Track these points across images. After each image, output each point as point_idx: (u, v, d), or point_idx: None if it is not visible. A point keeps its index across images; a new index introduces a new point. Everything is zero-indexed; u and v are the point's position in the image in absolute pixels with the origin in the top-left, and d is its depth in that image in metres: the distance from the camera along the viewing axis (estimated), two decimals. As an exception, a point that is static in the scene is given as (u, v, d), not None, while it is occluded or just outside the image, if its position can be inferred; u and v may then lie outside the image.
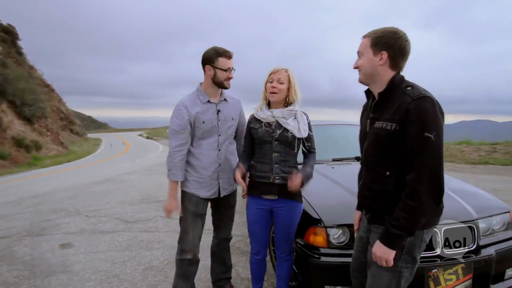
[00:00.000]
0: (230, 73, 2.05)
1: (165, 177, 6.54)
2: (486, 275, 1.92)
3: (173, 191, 2.09)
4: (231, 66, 2.04)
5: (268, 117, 1.94)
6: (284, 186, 1.89)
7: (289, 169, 1.93)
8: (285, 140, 1.90)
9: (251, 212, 2.04)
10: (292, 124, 1.91)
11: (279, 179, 1.91)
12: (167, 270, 2.88)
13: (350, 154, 3.23)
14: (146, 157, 16.35)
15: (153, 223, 4.30)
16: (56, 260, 3.14)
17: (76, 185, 7.92)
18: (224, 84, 2.06)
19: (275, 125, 1.93)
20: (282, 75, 1.91)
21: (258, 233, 2.06)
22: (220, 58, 2.01)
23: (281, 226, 1.99)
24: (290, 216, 1.96)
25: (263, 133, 1.94)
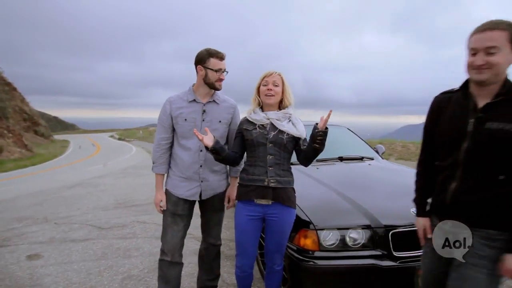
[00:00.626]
0: (222, 75, 2.01)
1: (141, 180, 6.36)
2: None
3: (158, 184, 2.09)
4: (223, 67, 2.01)
5: (262, 119, 1.89)
6: (278, 190, 1.83)
7: (283, 173, 1.87)
8: (280, 142, 1.85)
9: (241, 219, 1.92)
10: (287, 125, 1.87)
11: (274, 182, 1.83)
12: (147, 279, 2.72)
13: (333, 155, 3.25)
14: (119, 159, 15.70)
15: (130, 229, 4.09)
16: (23, 273, 2.88)
17: (43, 191, 7.42)
18: (215, 85, 2.02)
19: (270, 127, 1.88)
20: (277, 78, 1.90)
21: (248, 244, 1.92)
22: (211, 59, 1.98)
23: (274, 235, 1.89)
24: (284, 223, 1.86)
25: (257, 134, 1.88)
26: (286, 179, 1.87)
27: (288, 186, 1.88)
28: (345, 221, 1.96)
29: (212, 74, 1.99)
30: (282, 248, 1.93)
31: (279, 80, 1.90)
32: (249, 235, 1.92)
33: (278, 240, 1.90)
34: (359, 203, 2.12)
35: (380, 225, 1.91)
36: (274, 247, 1.92)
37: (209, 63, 1.98)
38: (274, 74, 1.90)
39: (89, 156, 18.19)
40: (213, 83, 2.01)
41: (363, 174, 2.71)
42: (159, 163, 2.07)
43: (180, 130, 2.04)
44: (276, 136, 1.85)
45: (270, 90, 1.87)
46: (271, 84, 1.88)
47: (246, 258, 1.95)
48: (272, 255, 1.94)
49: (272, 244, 1.92)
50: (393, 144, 10.42)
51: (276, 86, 1.88)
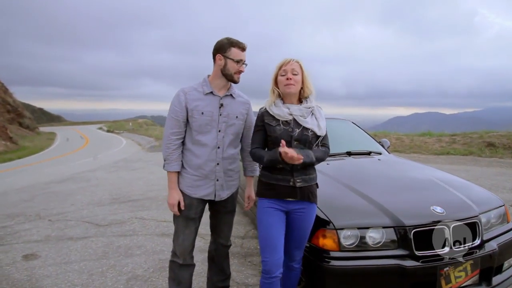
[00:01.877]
0: (242, 67, 1.89)
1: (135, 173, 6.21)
2: (490, 269, 1.95)
3: (172, 183, 1.94)
4: (243, 59, 1.89)
5: (286, 115, 1.78)
6: (305, 188, 1.77)
7: (308, 171, 1.79)
8: (305, 139, 1.77)
9: (266, 213, 1.78)
10: (311, 122, 1.78)
11: (300, 182, 1.75)
12: (153, 279, 2.63)
13: (341, 149, 3.19)
14: (109, 152, 15.36)
15: (129, 225, 3.96)
16: (21, 275, 2.74)
17: (32, 185, 7.17)
18: (233, 77, 1.90)
19: (294, 124, 1.78)
20: (295, 65, 1.78)
21: (276, 239, 1.75)
22: (233, 48, 1.86)
23: (297, 231, 1.82)
24: (308, 219, 1.81)
25: (281, 132, 1.77)
26: (312, 176, 1.82)
27: (313, 183, 1.82)
28: (366, 220, 1.90)
29: (231, 65, 1.87)
30: (303, 244, 1.87)
31: (298, 68, 1.78)
32: (276, 228, 1.77)
33: (301, 236, 1.84)
34: (377, 200, 2.06)
35: (402, 224, 1.86)
36: (296, 243, 1.85)
37: (230, 52, 1.86)
38: (291, 62, 1.78)
39: (78, 149, 17.74)
40: (231, 74, 1.89)
41: (375, 171, 2.65)
42: (171, 160, 1.93)
43: (195, 124, 1.90)
44: (301, 134, 1.76)
45: (290, 80, 1.76)
46: (290, 73, 1.77)
47: (275, 257, 1.73)
48: (293, 251, 1.87)
49: (294, 240, 1.85)
50: (387, 136, 10.48)
51: (295, 74, 1.77)
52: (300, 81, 1.79)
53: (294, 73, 1.77)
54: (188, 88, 1.95)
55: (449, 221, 1.90)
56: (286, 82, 1.76)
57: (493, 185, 5.47)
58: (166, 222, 4.04)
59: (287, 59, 1.80)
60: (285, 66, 1.78)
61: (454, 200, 2.10)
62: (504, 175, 6.34)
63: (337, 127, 3.68)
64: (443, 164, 7.78)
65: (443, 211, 1.95)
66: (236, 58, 1.86)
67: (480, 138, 9.13)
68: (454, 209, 1.99)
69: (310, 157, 1.72)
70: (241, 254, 3.06)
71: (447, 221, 1.90)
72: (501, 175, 6.34)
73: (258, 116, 1.90)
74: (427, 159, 8.42)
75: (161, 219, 4.16)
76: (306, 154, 1.71)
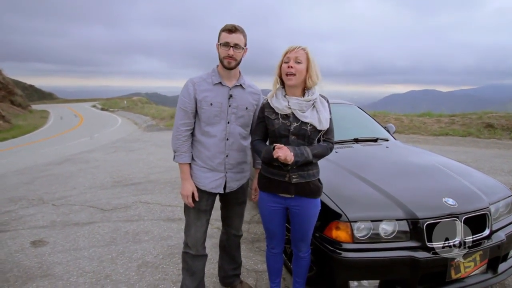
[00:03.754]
0: (229, 50, 1.79)
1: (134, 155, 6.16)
2: (497, 258, 2.01)
3: (185, 174, 1.92)
4: (230, 41, 1.77)
5: (284, 108, 1.73)
6: (301, 184, 1.74)
7: (306, 166, 1.75)
8: (303, 134, 1.71)
9: (265, 210, 1.88)
10: (311, 116, 1.71)
11: (296, 177, 1.73)
12: (164, 266, 2.67)
13: (348, 136, 3.17)
14: (106, 131, 15.20)
15: (134, 210, 3.98)
16: (31, 262, 2.77)
17: (30, 167, 7.11)
18: (223, 62, 1.83)
19: (292, 117, 1.73)
20: (300, 53, 1.69)
21: (275, 231, 1.93)
22: (222, 33, 1.80)
23: (298, 226, 1.84)
24: (307, 215, 1.81)
25: (279, 125, 1.74)
26: (310, 172, 1.76)
27: (312, 179, 1.77)
28: (379, 213, 1.92)
29: (221, 50, 1.81)
30: (307, 237, 1.89)
31: (302, 56, 1.69)
32: (276, 221, 1.89)
33: (303, 230, 1.85)
34: (389, 191, 2.07)
35: (415, 217, 1.88)
36: (299, 236, 1.89)
37: (220, 38, 1.81)
38: (297, 49, 1.69)
39: (73, 128, 17.52)
40: (222, 59, 1.83)
41: (384, 159, 2.64)
42: (182, 152, 1.90)
43: (204, 115, 1.86)
44: (299, 128, 1.71)
45: (291, 68, 1.67)
46: (292, 61, 1.68)
47: (275, 240, 1.98)
48: (297, 243, 1.92)
49: (297, 233, 1.88)
50: (387, 117, 10.48)
51: (298, 63, 1.68)
52: (303, 70, 1.70)
53: (297, 60, 1.68)
54: (197, 79, 1.89)
55: (461, 213, 1.92)
56: (287, 70, 1.69)
57: (491, 167, 5.54)
58: (171, 207, 4.06)
59: (293, 46, 1.71)
60: (289, 53, 1.70)
61: (465, 191, 2.12)
62: (502, 157, 6.42)
63: (343, 113, 3.64)
64: (443, 145, 7.84)
65: (455, 203, 1.97)
66: (222, 41, 1.79)
67: (479, 119, 9.16)
68: (465, 200, 2.01)
69: (305, 156, 1.67)
70: (248, 240, 3.10)
71: (459, 213, 1.92)
72: (499, 157, 6.42)
73: (260, 108, 1.88)
74: (426, 140, 8.47)
75: (165, 204, 4.18)
76: (301, 153, 1.66)
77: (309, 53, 1.71)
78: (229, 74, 1.89)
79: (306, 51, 1.71)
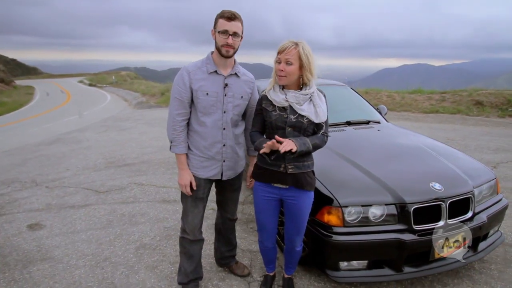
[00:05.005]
0: (228, 38, 1.75)
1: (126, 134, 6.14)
2: (478, 238, 2.14)
3: (182, 164, 1.93)
4: (229, 29, 1.73)
5: (282, 101, 1.74)
6: (297, 175, 1.78)
7: (302, 158, 1.78)
8: (299, 126, 1.74)
9: (258, 200, 1.91)
10: (307, 109, 1.72)
11: (292, 168, 1.76)
12: (161, 247, 2.76)
13: (340, 119, 3.20)
14: (95, 109, 14.93)
15: (129, 192, 4.02)
16: (29, 246, 2.82)
17: (21, 148, 7.02)
18: (221, 50, 1.79)
19: (290, 110, 1.74)
20: (291, 54, 1.65)
21: (266, 223, 1.95)
22: (220, 20, 1.75)
23: (292, 218, 1.88)
24: (302, 207, 1.83)
25: (276, 117, 1.76)
26: (306, 163, 1.79)
27: (307, 170, 1.80)
28: (369, 198, 2.00)
29: (218, 38, 1.77)
30: (302, 230, 1.92)
31: (293, 57, 1.65)
32: (267, 215, 1.93)
33: (297, 223, 1.89)
34: (379, 176, 2.14)
35: (403, 201, 1.96)
36: (293, 230, 1.92)
37: (217, 25, 1.76)
38: (287, 49, 1.65)
39: (60, 105, 17.12)
40: (219, 48, 1.79)
41: (375, 143, 2.70)
42: (178, 142, 1.90)
43: (200, 105, 1.85)
44: (297, 120, 1.73)
45: (282, 71, 1.68)
46: (283, 63, 1.67)
47: (266, 234, 2.01)
48: (292, 237, 1.95)
49: (291, 227, 1.91)
50: (379, 94, 10.51)
51: (289, 64, 1.67)
52: (295, 71, 1.68)
53: (288, 62, 1.66)
54: (192, 67, 1.86)
55: (446, 197, 2.01)
56: (278, 72, 1.69)
57: (478, 145, 5.70)
58: (166, 188, 4.11)
59: (284, 45, 1.67)
60: (280, 54, 1.68)
61: (451, 175, 2.21)
62: (489, 134, 6.59)
63: (336, 94, 3.64)
64: (432, 123, 7.97)
65: (441, 187, 2.05)
66: (220, 28, 1.74)
67: (469, 96, 9.27)
68: (451, 185, 2.10)
69: (307, 146, 1.69)
70: (243, 221, 3.20)
71: (445, 197, 2.01)
72: (487, 134, 6.59)
73: (258, 100, 1.88)
74: (417, 118, 8.58)
75: (160, 185, 4.23)
76: (303, 143, 1.69)
77: (301, 51, 1.66)
78: (225, 62, 1.87)
79: (298, 49, 1.66)
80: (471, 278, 2.28)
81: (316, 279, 2.29)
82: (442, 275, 2.29)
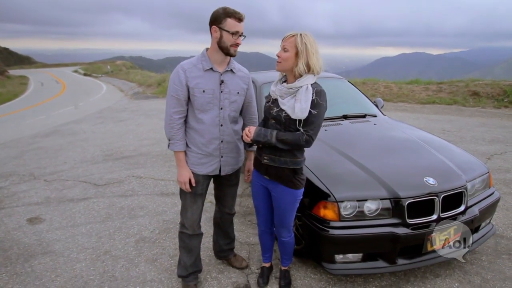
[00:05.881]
0: (238, 39, 1.80)
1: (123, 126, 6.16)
2: (470, 230, 2.19)
3: (180, 161, 1.96)
4: (240, 30, 1.78)
5: (272, 93, 1.84)
6: (272, 168, 1.83)
7: (280, 153, 1.77)
8: (278, 120, 1.76)
9: (253, 185, 2.03)
10: (287, 103, 1.71)
11: (267, 159, 1.83)
12: (161, 240, 2.80)
13: (337, 112, 3.21)
14: (91, 99, 14.81)
15: (127, 185, 4.05)
16: (30, 240, 2.85)
17: (17, 140, 7.00)
18: (229, 50, 1.82)
19: (275, 103, 1.81)
20: (288, 42, 1.70)
21: (260, 207, 2.06)
22: (228, 19, 1.75)
23: (275, 210, 1.96)
24: (281, 202, 1.88)
25: (266, 108, 1.87)
26: (283, 159, 1.77)
27: (284, 166, 1.78)
28: (364, 192, 2.03)
29: (227, 37, 1.78)
30: (285, 223, 1.95)
31: (290, 45, 1.69)
32: (260, 199, 2.02)
33: (280, 216, 1.95)
34: (374, 171, 2.17)
35: (397, 196, 2.00)
36: (277, 221, 2.00)
37: (225, 24, 1.76)
38: (287, 37, 1.71)
39: (55, 96, 16.97)
40: (227, 47, 1.81)
41: (371, 138, 2.72)
42: (176, 140, 1.92)
43: (197, 102, 1.87)
44: (277, 113, 1.77)
45: (278, 57, 1.75)
46: (281, 50, 1.73)
47: (261, 217, 2.10)
48: (278, 228, 2.03)
49: (276, 218, 2.00)
50: (376, 84, 10.49)
51: (285, 51, 1.71)
52: (290, 58, 1.69)
53: (284, 49, 1.71)
54: (187, 65, 1.87)
55: (440, 192, 2.06)
56: (277, 59, 1.77)
57: (473, 137, 5.76)
58: (164, 181, 4.14)
59: (286, 35, 1.73)
60: (282, 42, 1.74)
61: (445, 169, 2.25)
62: (485, 126, 6.64)
63: (334, 88, 3.65)
64: (429, 113, 8.01)
65: (435, 182, 2.10)
66: (232, 29, 1.75)
67: (466, 87, 9.28)
68: (444, 179, 2.14)
69: (267, 138, 1.72)
70: (240, 213, 3.25)
71: (438, 192, 2.05)
72: (482, 126, 6.64)
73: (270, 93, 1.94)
74: (413, 108, 8.61)
75: (158, 178, 4.26)
76: (264, 134, 1.74)
77: (298, 41, 1.66)
78: (224, 59, 1.88)
79: (296, 38, 1.67)
80: (462, 268, 2.35)
81: (313, 271, 2.35)
82: (434, 266, 2.36)
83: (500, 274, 2.29)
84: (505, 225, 2.92)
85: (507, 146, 5.14)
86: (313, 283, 2.24)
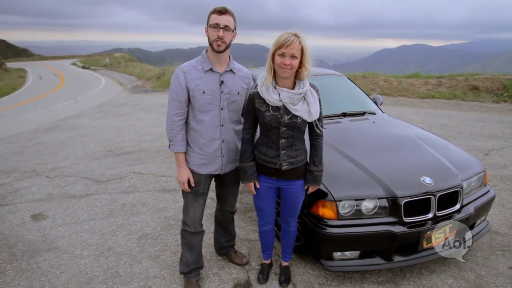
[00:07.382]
0: (219, 31, 1.77)
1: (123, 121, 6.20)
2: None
3: (180, 162, 1.99)
4: (221, 22, 1.76)
5: (275, 101, 1.75)
6: (291, 170, 1.88)
7: (295, 153, 1.87)
8: (293, 126, 1.79)
9: (258, 188, 2.02)
10: (301, 109, 1.75)
11: (286, 165, 1.86)
12: (163, 237, 2.86)
13: (336, 110, 3.24)
14: (90, 93, 14.77)
15: (129, 181, 4.09)
16: (34, 236, 2.91)
17: (17, 135, 7.01)
18: (213, 45, 1.82)
19: (283, 110, 1.77)
20: (296, 48, 1.64)
21: (266, 208, 2.08)
22: (212, 15, 1.78)
23: (289, 204, 2.02)
24: (297, 194, 1.97)
25: (270, 118, 1.79)
26: (299, 158, 1.90)
27: (301, 164, 1.91)
28: (362, 192, 2.08)
29: (211, 33, 1.80)
30: (296, 213, 2.07)
31: (298, 52, 1.65)
32: (267, 201, 2.04)
33: (293, 208, 2.03)
34: (372, 170, 2.21)
35: (394, 195, 2.05)
36: (289, 212, 2.06)
37: (209, 20, 1.79)
38: (293, 44, 1.63)
39: (54, 89, 16.90)
40: (211, 43, 1.81)
41: (369, 136, 2.75)
42: (177, 141, 1.95)
43: (197, 103, 1.89)
44: (291, 120, 1.78)
45: (287, 65, 1.67)
46: (288, 58, 1.65)
47: (265, 219, 2.13)
48: (287, 219, 2.10)
49: (287, 210, 2.05)
50: (376, 78, 10.48)
51: (295, 58, 1.66)
52: (298, 64, 1.69)
53: (293, 56, 1.66)
54: (187, 67, 1.89)
55: (436, 191, 2.10)
56: (283, 66, 1.67)
57: (472, 132, 5.79)
58: (165, 177, 4.19)
59: (287, 39, 1.63)
60: (285, 48, 1.64)
61: (441, 168, 2.29)
62: (484, 121, 6.67)
63: (332, 85, 3.67)
64: (428, 108, 8.03)
65: (432, 181, 2.14)
66: (211, 22, 1.77)
67: (466, 81, 9.28)
68: (441, 178, 2.18)
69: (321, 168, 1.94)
70: (241, 210, 3.30)
71: (434, 191, 2.10)
72: (481, 121, 6.67)
73: (249, 98, 1.87)
74: (413, 103, 8.63)
75: (159, 174, 4.30)
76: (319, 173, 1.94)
77: (304, 45, 1.66)
78: (219, 58, 1.89)
79: (301, 43, 1.66)
80: (457, 264, 2.41)
81: (311, 267, 2.41)
82: (430, 262, 2.42)
83: (494, 270, 2.35)
84: (500, 221, 2.98)
85: (505, 142, 5.18)
86: (312, 279, 2.30)
